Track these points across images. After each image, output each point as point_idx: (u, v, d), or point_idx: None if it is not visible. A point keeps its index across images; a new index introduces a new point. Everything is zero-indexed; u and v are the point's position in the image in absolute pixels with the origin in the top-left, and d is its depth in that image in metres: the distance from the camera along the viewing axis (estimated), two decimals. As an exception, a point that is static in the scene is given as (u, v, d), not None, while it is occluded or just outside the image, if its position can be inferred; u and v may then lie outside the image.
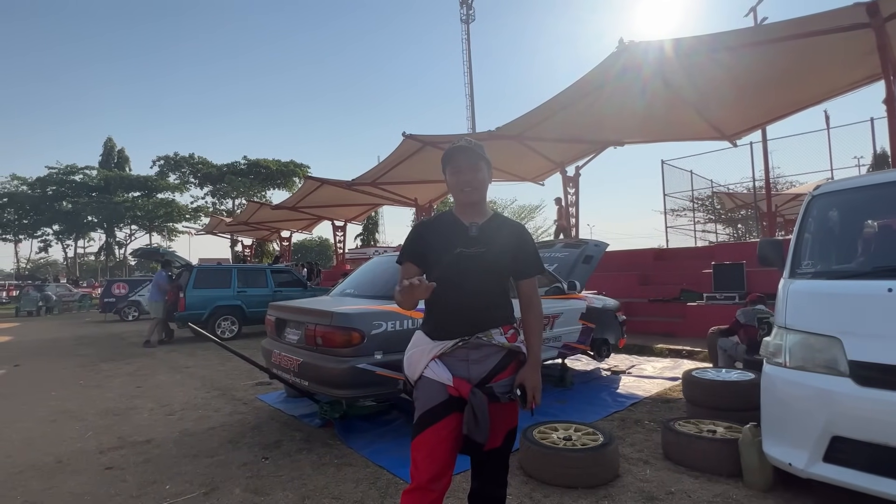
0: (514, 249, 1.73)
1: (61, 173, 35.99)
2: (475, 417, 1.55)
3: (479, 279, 1.66)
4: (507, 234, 1.73)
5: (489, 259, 1.67)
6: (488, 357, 1.68)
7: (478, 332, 1.65)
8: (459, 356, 1.67)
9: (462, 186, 1.70)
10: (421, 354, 1.69)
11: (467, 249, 1.66)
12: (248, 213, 20.89)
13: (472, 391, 1.60)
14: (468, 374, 1.66)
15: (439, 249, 1.67)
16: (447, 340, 1.66)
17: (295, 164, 37.58)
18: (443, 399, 1.62)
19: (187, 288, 9.85)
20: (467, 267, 1.65)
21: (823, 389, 2.33)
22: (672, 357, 6.71)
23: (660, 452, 3.21)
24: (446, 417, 1.62)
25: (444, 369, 1.65)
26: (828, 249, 2.91)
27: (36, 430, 4.16)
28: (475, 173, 1.70)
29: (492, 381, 1.66)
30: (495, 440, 1.66)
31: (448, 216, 1.78)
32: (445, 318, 1.68)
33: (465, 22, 38.04)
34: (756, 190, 15.24)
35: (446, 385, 1.63)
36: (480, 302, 1.67)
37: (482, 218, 1.74)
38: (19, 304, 20.83)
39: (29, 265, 44.20)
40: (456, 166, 1.70)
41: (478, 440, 1.56)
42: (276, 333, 4.28)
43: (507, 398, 1.65)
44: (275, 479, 2.98)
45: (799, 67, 7.41)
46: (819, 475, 2.28)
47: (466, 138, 1.76)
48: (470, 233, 1.68)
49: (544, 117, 9.05)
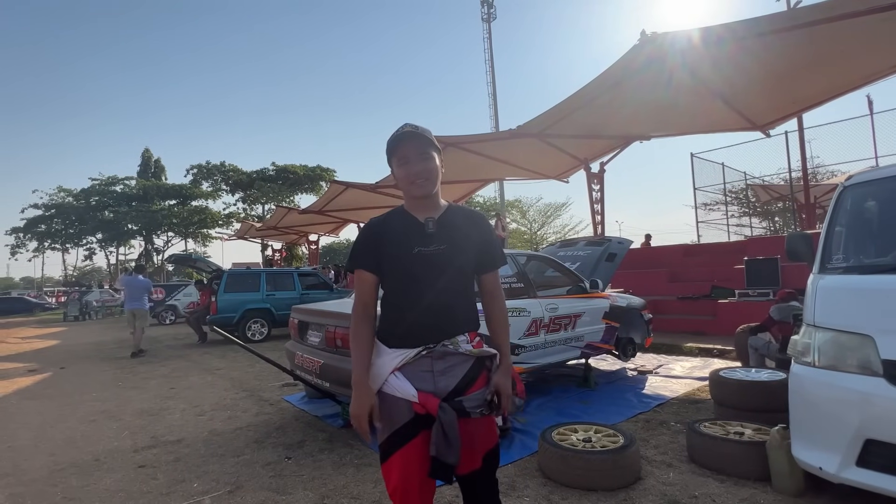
0: (478, 242, 1.57)
1: (103, 184, 37.75)
2: (445, 436, 1.38)
3: (442, 280, 1.49)
4: (465, 226, 1.56)
5: (450, 256, 1.50)
6: (455, 367, 1.51)
7: (443, 338, 1.49)
8: (423, 367, 1.49)
9: (413, 178, 1.49)
10: (379, 367, 1.51)
11: (426, 248, 1.49)
12: (277, 218, 21.37)
13: (441, 407, 1.42)
14: (434, 388, 1.48)
15: (395, 251, 1.51)
16: (408, 349, 1.48)
17: (321, 168, 38.24)
18: (408, 418, 1.45)
19: (219, 292, 10.18)
20: (427, 267, 1.48)
21: (856, 390, 2.21)
22: (702, 356, 6.51)
23: (685, 455, 3.12)
24: (415, 438, 1.45)
25: (406, 383, 1.47)
26: (860, 243, 2.77)
27: (77, 430, 4.38)
28: (426, 162, 1.50)
29: (462, 394, 1.49)
30: (473, 461, 1.50)
31: (399, 213, 1.58)
32: (406, 324, 1.51)
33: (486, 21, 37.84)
34: (793, 181, 14.61)
35: (410, 402, 1.46)
36: (444, 305, 1.50)
37: (437, 211, 1.56)
38: (66, 310, 21.98)
39: (76, 273, 46.53)
40: (403, 156, 1.50)
41: (449, 461, 1.38)
42: (299, 336, 4.37)
43: (479, 413, 1.46)
44: (296, 479, 3.05)
45: (835, 51, 7.04)
46: (852, 480, 2.17)
47: (411, 123, 1.53)
48: (427, 229, 1.51)
49: (566, 113, 8.91)
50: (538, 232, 31.79)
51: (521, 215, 32.29)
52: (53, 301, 34.82)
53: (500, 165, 11.62)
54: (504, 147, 10.46)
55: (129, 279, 9.40)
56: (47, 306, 31.76)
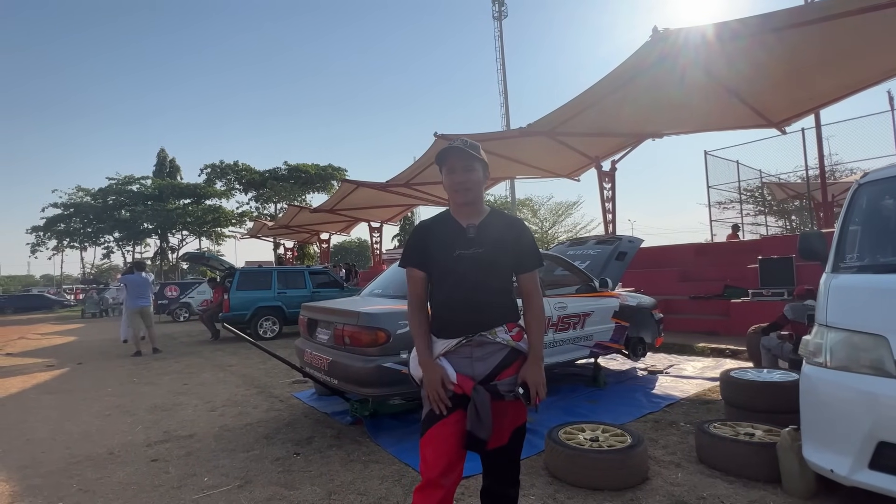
0: (513, 245, 1.74)
1: (120, 183, 38.39)
2: (478, 414, 1.57)
3: (480, 279, 1.68)
4: (503, 231, 1.74)
5: (488, 258, 1.69)
6: (492, 355, 1.69)
7: (481, 330, 1.67)
8: (463, 353, 1.69)
9: (456, 187, 1.72)
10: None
11: (466, 251, 1.69)
12: (289, 217, 21.57)
13: (475, 388, 1.62)
14: (472, 372, 1.68)
15: (439, 253, 1.71)
16: (451, 339, 1.69)
17: (333, 167, 38.46)
18: (448, 396, 1.64)
19: (231, 290, 10.30)
20: (467, 268, 1.68)
21: (868, 392, 2.17)
22: (714, 356, 6.43)
23: (694, 456, 3.09)
24: (452, 414, 1.63)
25: (448, 367, 1.68)
26: (875, 241, 2.71)
27: (92, 424, 4.47)
28: (469, 174, 1.72)
29: (496, 378, 1.67)
30: (501, 438, 1.66)
31: (446, 217, 1.80)
32: (449, 317, 1.72)
33: (497, 19, 37.72)
34: (810, 179, 14.33)
35: (451, 382, 1.65)
36: (482, 301, 1.69)
37: (479, 217, 1.75)
38: (84, 307, 22.44)
39: (94, 270, 47.42)
40: (450, 167, 1.73)
41: (481, 436, 1.57)
42: (308, 333, 4.41)
43: (512, 396, 1.65)
44: (304, 474, 3.08)
45: (854, 46, 6.89)
46: (864, 483, 2.13)
47: (462, 138, 1.77)
48: (468, 234, 1.71)
49: (577, 111, 8.85)
50: (549, 231, 31.60)
51: (532, 214, 32.11)
52: (72, 298, 35.58)
53: (510, 164, 11.59)
54: (515, 146, 10.42)
55: (132, 277, 8.95)
56: (66, 303, 32.47)
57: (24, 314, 28.36)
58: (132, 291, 8.81)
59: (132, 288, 8.83)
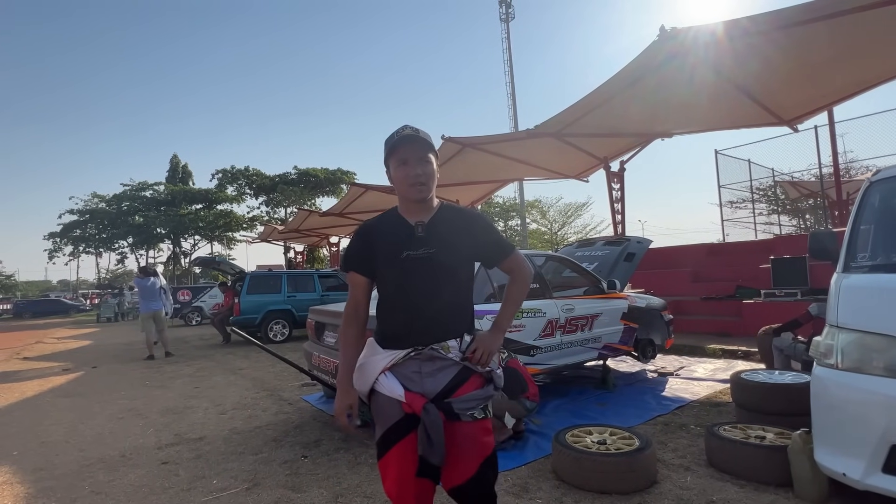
0: (471, 243, 1.57)
1: (134, 189, 39.04)
2: (428, 437, 1.39)
3: (431, 283, 1.49)
4: (457, 229, 1.55)
5: (439, 260, 1.50)
6: (442, 370, 1.51)
7: (432, 342, 1.49)
8: (411, 368, 1.51)
9: (412, 181, 1.49)
10: (371, 366, 1.54)
11: (414, 252, 1.50)
12: (299, 221, 21.70)
13: (425, 407, 1.43)
14: (422, 389, 1.50)
15: (385, 254, 1.53)
16: (397, 350, 1.51)
17: (342, 171, 38.68)
18: (399, 417, 1.47)
19: (241, 294, 10.40)
20: (416, 271, 1.49)
21: (881, 394, 2.13)
22: (726, 358, 6.34)
23: (703, 459, 3.05)
24: (408, 436, 1.46)
25: (395, 383, 1.50)
26: (887, 240, 2.67)
27: (105, 427, 4.54)
28: (425, 166, 1.50)
29: (451, 396, 1.49)
30: (468, 469, 1.47)
31: (392, 216, 1.59)
32: (395, 326, 1.54)
33: (504, 20, 37.72)
34: (823, 177, 14.09)
35: (399, 401, 1.49)
36: (433, 309, 1.50)
37: (428, 214, 1.55)
38: (99, 311, 22.80)
39: (108, 275, 48.20)
40: (402, 158, 1.50)
41: (433, 462, 1.39)
42: (316, 336, 4.44)
43: (470, 416, 1.47)
44: (312, 477, 3.10)
45: (867, 41, 6.76)
46: (877, 487, 2.09)
47: (411, 126, 1.52)
48: (416, 233, 1.52)
49: (584, 112, 8.79)
50: (559, 232, 31.44)
51: (541, 215, 31.99)
52: (88, 303, 36.18)
53: (518, 165, 11.56)
54: (523, 147, 10.40)
55: (141, 281, 8.99)
56: (82, 308, 33.07)
57: (41, 318, 28.95)
58: (144, 295, 8.95)
59: (143, 292, 8.96)
